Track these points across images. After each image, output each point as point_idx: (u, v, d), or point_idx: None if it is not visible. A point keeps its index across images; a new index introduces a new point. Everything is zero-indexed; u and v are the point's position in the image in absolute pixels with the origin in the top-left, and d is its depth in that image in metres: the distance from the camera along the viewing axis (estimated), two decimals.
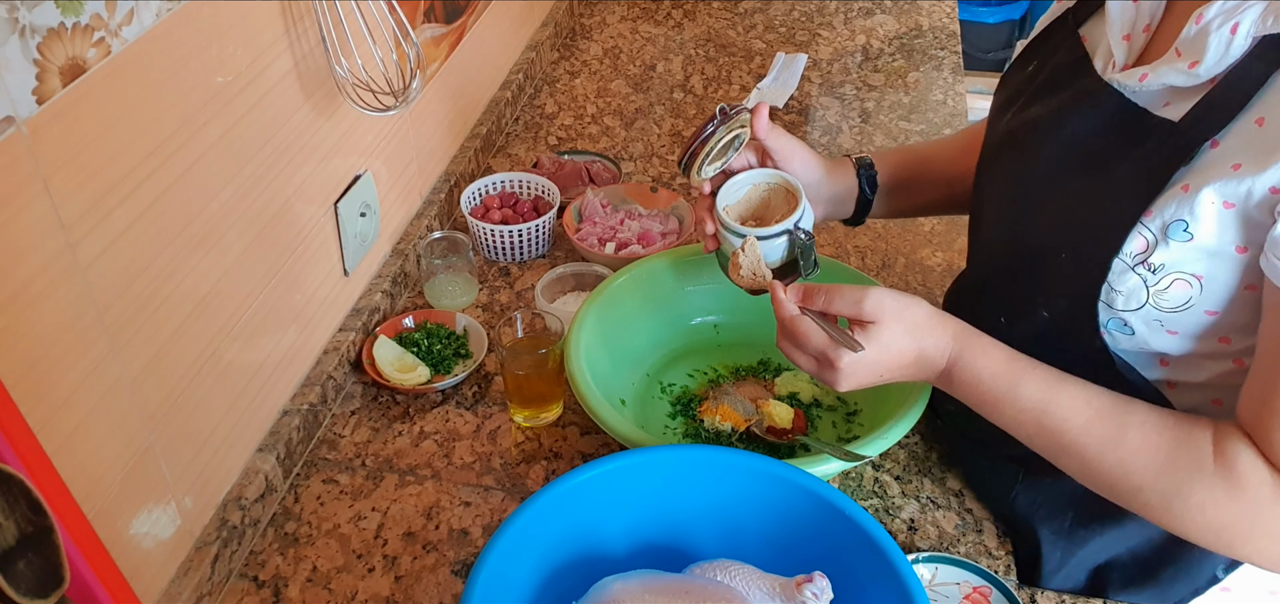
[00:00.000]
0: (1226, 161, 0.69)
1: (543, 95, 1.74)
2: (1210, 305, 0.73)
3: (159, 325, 0.84)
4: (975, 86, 2.33)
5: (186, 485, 0.91)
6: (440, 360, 1.15)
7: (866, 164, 1.05)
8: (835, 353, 0.81)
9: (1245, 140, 0.68)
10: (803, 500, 0.81)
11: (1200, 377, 0.79)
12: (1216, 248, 0.70)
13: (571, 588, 0.81)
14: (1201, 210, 0.69)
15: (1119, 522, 0.87)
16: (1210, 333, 0.75)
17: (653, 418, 1.08)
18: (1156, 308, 0.75)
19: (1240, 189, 0.68)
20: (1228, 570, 0.87)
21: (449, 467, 1.06)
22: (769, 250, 0.93)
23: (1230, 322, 0.74)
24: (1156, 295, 0.74)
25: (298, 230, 1.06)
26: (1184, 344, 0.77)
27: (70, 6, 0.70)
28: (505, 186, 1.39)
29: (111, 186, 0.76)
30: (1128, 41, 0.78)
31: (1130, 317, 0.76)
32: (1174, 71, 0.72)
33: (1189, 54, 0.71)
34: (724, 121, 0.94)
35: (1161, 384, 0.81)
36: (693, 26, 1.95)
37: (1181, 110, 0.72)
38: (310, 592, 0.94)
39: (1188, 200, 0.70)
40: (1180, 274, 0.72)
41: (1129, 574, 0.89)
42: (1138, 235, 0.72)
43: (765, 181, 0.97)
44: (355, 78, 1.06)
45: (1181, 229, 0.70)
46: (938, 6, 2.00)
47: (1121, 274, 0.74)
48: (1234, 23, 0.69)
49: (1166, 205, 0.71)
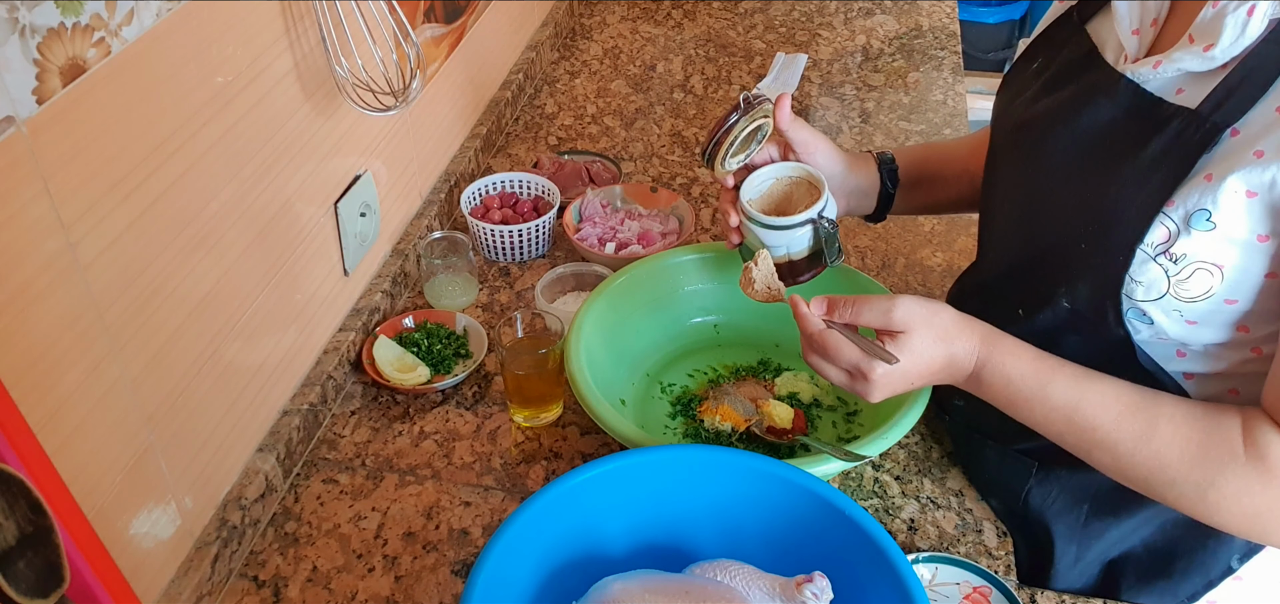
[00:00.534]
0: (1248, 148, 0.68)
1: (543, 95, 1.74)
2: (1230, 294, 0.73)
3: (159, 325, 0.84)
4: (975, 86, 2.33)
5: (186, 485, 0.91)
6: (440, 360, 1.15)
7: (888, 159, 1.05)
8: (868, 365, 0.81)
9: (1267, 126, 0.68)
10: (803, 500, 0.81)
11: (1218, 366, 0.79)
12: (1239, 237, 0.70)
13: (571, 588, 0.81)
14: (1224, 199, 0.69)
15: (1134, 513, 0.87)
16: (1229, 322, 0.75)
17: (653, 418, 1.08)
18: (1176, 298, 0.75)
19: (1265, 177, 0.67)
20: (1243, 560, 0.87)
21: (449, 467, 1.06)
22: (794, 241, 0.93)
23: (1250, 310, 0.74)
24: (1177, 285, 0.74)
25: (298, 230, 1.06)
26: (1202, 334, 0.77)
27: (70, 6, 0.70)
28: (505, 187, 1.39)
29: (111, 187, 0.76)
30: (1137, 36, 0.78)
31: (1150, 306, 0.76)
32: (1189, 56, 0.72)
33: (1203, 38, 0.71)
34: (747, 111, 0.93)
35: (1179, 375, 0.81)
36: (693, 26, 1.95)
37: (1197, 97, 0.72)
38: (310, 592, 0.94)
39: (1211, 189, 0.70)
40: (1202, 264, 0.72)
41: (1144, 567, 0.89)
42: (1160, 225, 0.72)
43: (788, 175, 0.97)
44: (355, 78, 1.06)
45: (1204, 218, 0.70)
46: (938, 6, 2.00)
47: (1142, 264, 0.74)
48: (1251, 5, 0.68)
49: (1190, 195, 0.71)
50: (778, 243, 0.96)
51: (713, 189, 1.48)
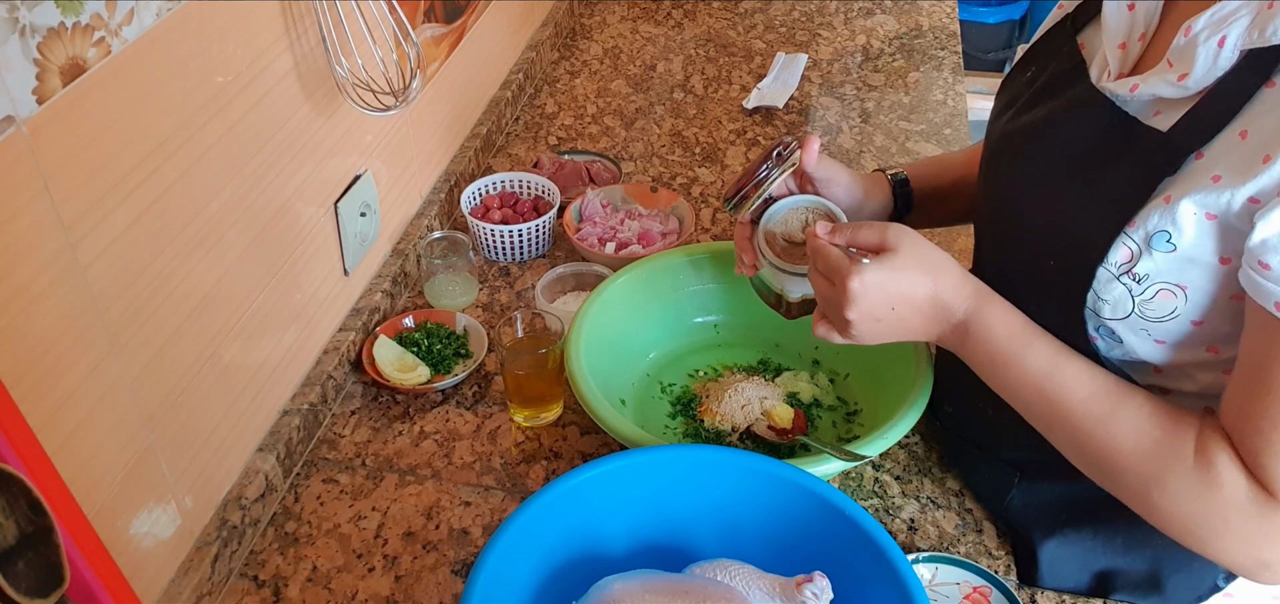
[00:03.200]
0: (1207, 173, 0.69)
1: (543, 95, 1.74)
2: (1196, 315, 0.74)
3: (159, 325, 0.84)
4: (975, 87, 2.33)
5: (186, 485, 0.91)
6: (440, 360, 1.15)
7: (902, 180, 1.05)
8: (846, 268, 0.81)
9: (1228, 151, 0.68)
10: (803, 500, 0.81)
11: (1191, 386, 0.79)
12: (1199, 258, 0.71)
13: (571, 588, 0.81)
14: (1183, 221, 0.69)
15: (1111, 525, 0.87)
16: (1197, 342, 0.76)
17: (653, 418, 1.08)
18: (1142, 317, 0.75)
19: (1221, 200, 0.68)
20: (1229, 579, 0.87)
21: (449, 466, 1.06)
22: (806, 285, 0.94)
23: (1216, 331, 0.74)
24: (1142, 305, 0.74)
25: (298, 230, 1.06)
26: (1171, 354, 0.77)
27: (70, 6, 0.70)
28: (505, 186, 1.39)
29: (111, 186, 0.76)
30: (1123, 50, 0.78)
31: (1117, 325, 0.77)
32: (1163, 83, 0.72)
33: (1179, 65, 0.71)
34: (780, 165, 0.93)
35: (1155, 390, 0.81)
36: (693, 26, 1.95)
37: (1170, 121, 0.72)
38: (310, 591, 0.94)
39: (1169, 211, 0.70)
40: (1165, 284, 0.73)
41: (1131, 582, 0.89)
42: (1122, 245, 0.73)
43: (806, 207, 0.96)
44: (355, 78, 1.06)
45: (1165, 240, 0.71)
46: (938, 6, 2.00)
47: (1107, 284, 0.75)
48: (1222, 35, 0.68)
49: (1150, 215, 0.71)
50: (794, 288, 0.96)
51: (713, 188, 1.48)
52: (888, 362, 1.03)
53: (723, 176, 1.51)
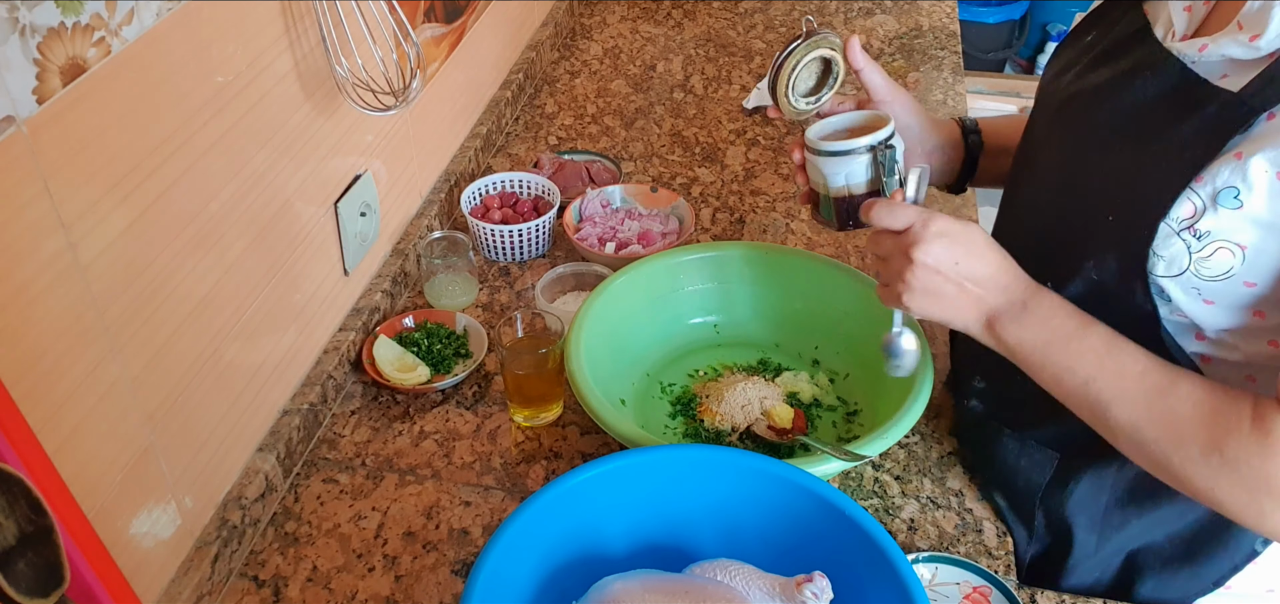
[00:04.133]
0: None
1: (543, 95, 1.74)
2: (1250, 276, 0.74)
3: (159, 325, 0.84)
4: (975, 86, 2.33)
5: (186, 485, 0.91)
6: (440, 360, 1.15)
7: (972, 124, 1.04)
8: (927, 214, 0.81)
9: None
10: (803, 500, 0.81)
11: (1235, 355, 0.80)
12: (1265, 218, 0.71)
13: (571, 588, 0.81)
14: (1254, 178, 0.70)
15: (1156, 505, 0.88)
16: (1246, 305, 0.76)
17: (653, 418, 1.08)
18: (1197, 275, 0.75)
19: None
20: (1266, 542, 0.87)
21: (449, 466, 1.06)
22: (853, 171, 0.91)
23: (1267, 295, 0.75)
24: (1198, 262, 0.75)
25: (298, 230, 1.06)
26: (1218, 315, 0.78)
27: (70, 6, 0.70)
28: (505, 186, 1.39)
29: (111, 186, 0.76)
30: (1189, 12, 0.79)
31: (1168, 283, 0.77)
32: (1234, 44, 0.73)
33: (1251, 27, 0.72)
34: (807, 38, 0.91)
35: (1197, 357, 0.82)
36: (693, 26, 1.95)
37: (1241, 82, 0.73)
38: (310, 591, 0.94)
39: (1240, 167, 0.70)
40: (1225, 242, 0.73)
41: (1165, 556, 0.89)
42: (1186, 200, 0.73)
43: (857, 120, 0.93)
44: (355, 78, 1.06)
45: (1232, 197, 0.71)
46: (938, 6, 2.00)
47: (1166, 239, 0.75)
48: None
49: (1219, 171, 0.72)
50: (835, 171, 0.92)
51: (713, 187, 1.48)
52: None
53: (722, 176, 1.51)
